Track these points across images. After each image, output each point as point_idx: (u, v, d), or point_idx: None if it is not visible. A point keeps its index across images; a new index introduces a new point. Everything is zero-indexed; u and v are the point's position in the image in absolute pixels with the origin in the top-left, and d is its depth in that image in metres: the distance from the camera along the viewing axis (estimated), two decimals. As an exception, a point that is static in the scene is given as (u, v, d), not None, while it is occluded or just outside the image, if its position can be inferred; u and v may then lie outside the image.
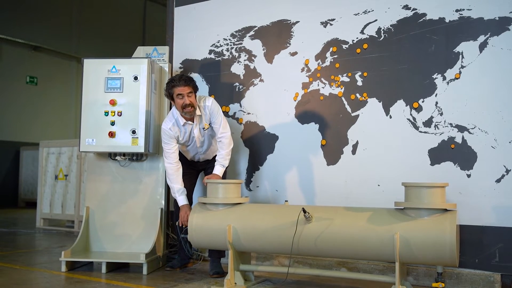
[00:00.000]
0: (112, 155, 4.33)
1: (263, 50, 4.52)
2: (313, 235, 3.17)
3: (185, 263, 4.18)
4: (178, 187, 3.89)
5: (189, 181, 4.09)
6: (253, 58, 4.57)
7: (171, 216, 4.55)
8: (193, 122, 3.90)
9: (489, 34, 3.54)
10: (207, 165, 4.13)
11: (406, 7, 3.86)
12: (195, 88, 3.84)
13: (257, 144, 4.48)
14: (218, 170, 3.88)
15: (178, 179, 3.89)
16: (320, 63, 4.22)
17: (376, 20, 3.99)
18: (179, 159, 3.95)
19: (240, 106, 4.58)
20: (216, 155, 4.01)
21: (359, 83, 4.03)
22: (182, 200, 3.87)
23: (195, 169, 4.22)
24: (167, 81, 3.94)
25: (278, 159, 4.37)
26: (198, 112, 3.87)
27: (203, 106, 3.90)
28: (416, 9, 3.83)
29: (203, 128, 3.93)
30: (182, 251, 4.11)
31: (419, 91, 3.77)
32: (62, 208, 7.12)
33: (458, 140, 3.60)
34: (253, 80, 4.54)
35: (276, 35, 4.45)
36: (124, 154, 4.30)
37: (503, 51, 3.50)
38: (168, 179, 3.96)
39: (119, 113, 4.11)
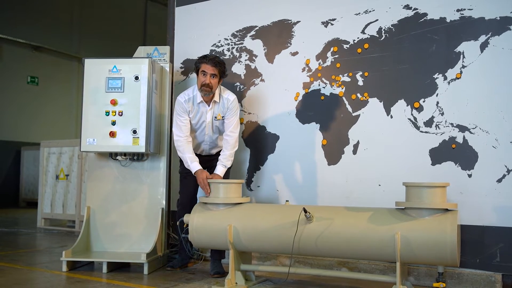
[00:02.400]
0: (113, 155, 4.33)
1: (264, 50, 4.52)
2: (314, 235, 3.17)
3: (186, 262, 4.18)
4: (190, 155, 3.89)
5: (194, 182, 4.06)
6: (254, 58, 4.57)
7: (172, 216, 4.56)
8: (208, 105, 3.93)
9: (490, 34, 3.54)
10: (209, 163, 4.09)
11: (407, 6, 3.86)
12: (221, 73, 3.90)
13: (258, 144, 4.48)
14: (220, 170, 3.88)
15: (189, 149, 3.91)
16: (321, 63, 4.22)
17: (377, 20, 3.98)
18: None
19: (241, 106, 4.58)
20: (218, 152, 4.01)
21: (360, 83, 4.03)
22: (195, 167, 3.86)
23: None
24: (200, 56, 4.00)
25: (279, 159, 4.37)
26: (216, 98, 3.92)
27: (224, 97, 3.95)
28: (417, 9, 3.82)
29: (215, 118, 3.95)
30: (183, 250, 4.11)
31: (420, 91, 3.77)
32: (63, 208, 7.12)
33: (459, 140, 3.60)
34: (254, 80, 4.54)
35: (277, 35, 4.45)
36: (125, 154, 4.30)
37: (504, 51, 3.49)
38: (178, 151, 3.96)
39: (120, 113, 4.12)
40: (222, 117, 3.97)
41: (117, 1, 15.19)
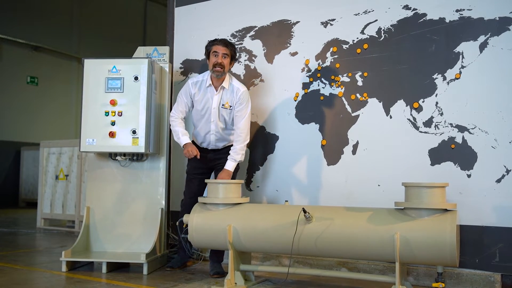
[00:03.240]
0: (112, 155, 4.33)
1: (264, 50, 4.52)
2: (314, 235, 3.18)
3: (185, 262, 4.18)
4: (181, 129, 3.99)
5: (198, 185, 4.06)
6: (253, 58, 4.57)
7: (172, 216, 4.56)
8: (216, 91, 3.94)
9: (489, 34, 3.54)
10: (215, 162, 4.06)
11: (406, 7, 3.86)
12: (232, 54, 3.93)
13: (257, 144, 4.48)
14: (230, 165, 3.89)
15: (181, 125, 4.01)
16: (321, 63, 4.22)
17: (376, 20, 3.99)
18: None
19: (241, 106, 4.58)
20: (225, 147, 4.01)
21: (360, 83, 4.03)
22: (185, 140, 3.95)
23: (205, 165, 4.09)
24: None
25: (278, 159, 4.37)
26: (225, 84, 3.93)
27: (234, 86, 3.97)
28: (416, 9, 3.83)
29: (223, 105, 3.94)
30: (182, 250, 4.11)
31: (419, 91, 3.77)
32: (63, 208, 7.12)
33: (459, 140, 3.60)
34: (253, 80, 4.54)
35: (277, 35, 4.46)
36: (124, 154, 4.30)
37: (503, 51, 3.50)
38: (171, 126, 4.06)
39: (120, 113, 4.12)
40: (230, 106, 3.95)
41: (117, 1, 15.20)
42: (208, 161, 4.09)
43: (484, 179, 3.49)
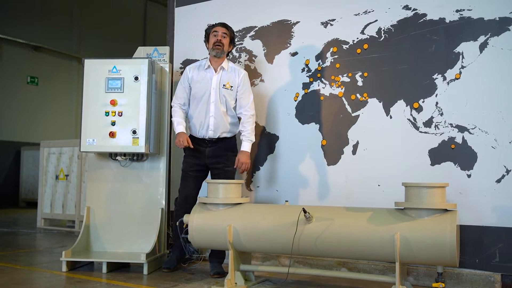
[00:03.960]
0: (112, 155, 4.33)
1: (264, 50, 4.53)
2: (314, 235, 3.18)
3: (181, 261, 4.09)
4: (178, 119, 4.07)
5: (194, 184, 4.04)
6: (253, 58, 4.57)
7: (172, 216, 4.56)
8: (216, 72, 4.00)
9: (489, 34, 3.54)
10: (214, 160, 4.00)
11: (406, 7, 3.87)
12: (231, 35, 4.08)
13: (257, 144, 4.48)
14: (247, 146, 3.98)
15: (179, 114, 4.10)
16: (321, 63, 4.22)
17: (376, 20, 3.99)
18: (191, 138, 4.05)
19: (241, 106, 4.58)
20: (223, 141, 4.01)
21: (360, 83, 4.03)
22: (179, 129, 4.03)
23: (201, 162, 4.03)
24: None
25: (278, 159, 4.37)
26: (224, 65, 4.02)
27: (235, 67, 4.08)
28: (416, 9, 3.83)
29: (224, 86, 3.98)
30: (177, 249, 4.04)
31: (419, 91, 3.77)
32: (63, 208, 7.12)
33: (458, 140, 3.61)
34: (253, 80, 4.55)
35: (277, 35, 4.46)
36: (124, 154, 4.30)
37: (503, 51, 3.50)
38: (172, 114, 4.16)
39: (120, 113, 4.12)
40: (231, 87, 4.00)
41: (117, 1, 15.20)
42: (205, 157, 4.03)
43: (484, 179, 3.49)
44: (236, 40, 4.62)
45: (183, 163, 4.15)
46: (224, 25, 4.06)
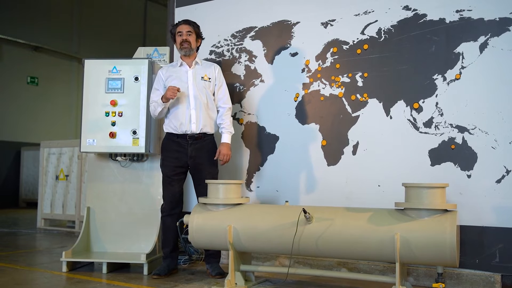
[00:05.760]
0: (112, 156, 4.34)
1: (264, 50, 4.53)
2: (314, 236, 3.18)
3: (172, 269, 3.93)
4: (158, 102, 3.87)
5: (178, 188, 3.95)
6: (253, 58, 4.57)
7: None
8: (190, 67, 3.98)
9: (489, 34, 3.54)
10: (197, 160, 3.90)
11: (406, 7, 3.87)
12: (196, 30, 4.03)
13: (257, 145, 4.48)
14: (227, 138, 3.97)
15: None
16: (321, 63, 4.22)
17: (376, 20, 3.99)
18: (169, 139, 3.95)
19: (241, 106, 4.59)
20: (205, 137, 3.93)
21: (360, 83, 4.03)
22: (160, 95, 3.87)
23: (183, 162, 3.91)
24: None
25: (278, 159, 4.37)
26: (198, 60, 4.03)
27: (208, 63, 4.12)
28: (416, 10, 3.83)
29: (202, 77, 3.97)
30: (169, 259, 3.93)
31: (419, 92, 3.77)
32: (63, 208, 7.13)
33: (459, 140, 3.61)
34: (253, 80, 4.55)
35: (277, 36, 4.46)
36: (124, 155, 4.31)
37: (503, 52, 3.50)
38: (151, 110, 3.96)
39: (120, 114, 4.12)
40: (209, 78, 3.99)
41: (117, 1, 15.19)
42: (187, 158, 3.91)
43: (484, 180, 3.49)
44: (236, 40, 4.63)
45: (163, 167, 3.97)
46: (186, 22, 4.00)
